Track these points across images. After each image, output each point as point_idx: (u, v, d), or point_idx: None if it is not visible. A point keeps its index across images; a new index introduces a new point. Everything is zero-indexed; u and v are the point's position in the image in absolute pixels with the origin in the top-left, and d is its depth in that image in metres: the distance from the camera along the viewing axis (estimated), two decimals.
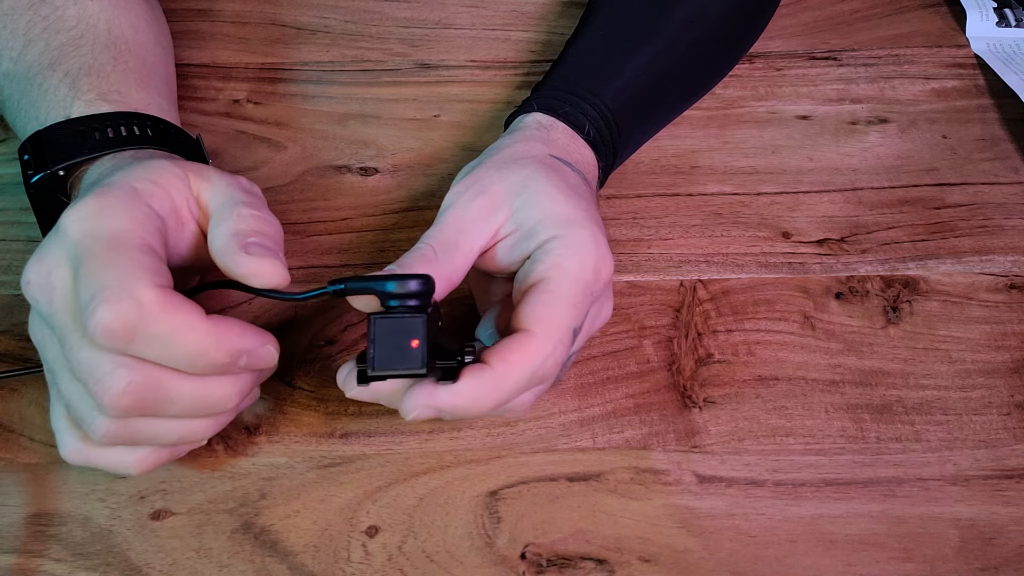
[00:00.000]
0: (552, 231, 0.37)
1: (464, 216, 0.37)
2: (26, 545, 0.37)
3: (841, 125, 0.53)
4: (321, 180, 0.50)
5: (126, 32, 0.45)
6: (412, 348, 0.31)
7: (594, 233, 0.37)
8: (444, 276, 0.36)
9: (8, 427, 0.41)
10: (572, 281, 0.36)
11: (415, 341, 0.31)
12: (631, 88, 0.46)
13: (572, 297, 0.36)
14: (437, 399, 0.33)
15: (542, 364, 0.34)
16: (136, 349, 0.31)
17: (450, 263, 0.36)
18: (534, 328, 0.35)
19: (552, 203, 0.37)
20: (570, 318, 0.35)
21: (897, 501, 0.39)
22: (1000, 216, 0.49)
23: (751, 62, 0.56)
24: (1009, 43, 0.58)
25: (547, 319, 0.35)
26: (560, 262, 0.36)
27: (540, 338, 0.34)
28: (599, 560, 0.37)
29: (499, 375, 0.33)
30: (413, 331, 0.31)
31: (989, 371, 0.43)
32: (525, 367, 0.34)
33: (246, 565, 0.37)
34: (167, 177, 0.35)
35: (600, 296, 0.38)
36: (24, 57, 0.43)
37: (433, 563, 0.37)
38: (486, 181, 0.38)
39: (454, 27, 0.58)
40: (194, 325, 0.32)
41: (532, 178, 0.38)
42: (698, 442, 0.41)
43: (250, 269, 0.34)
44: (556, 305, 0.35)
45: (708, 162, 0.51)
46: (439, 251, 0.36)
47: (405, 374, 0.31)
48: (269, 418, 0.41)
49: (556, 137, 0.42)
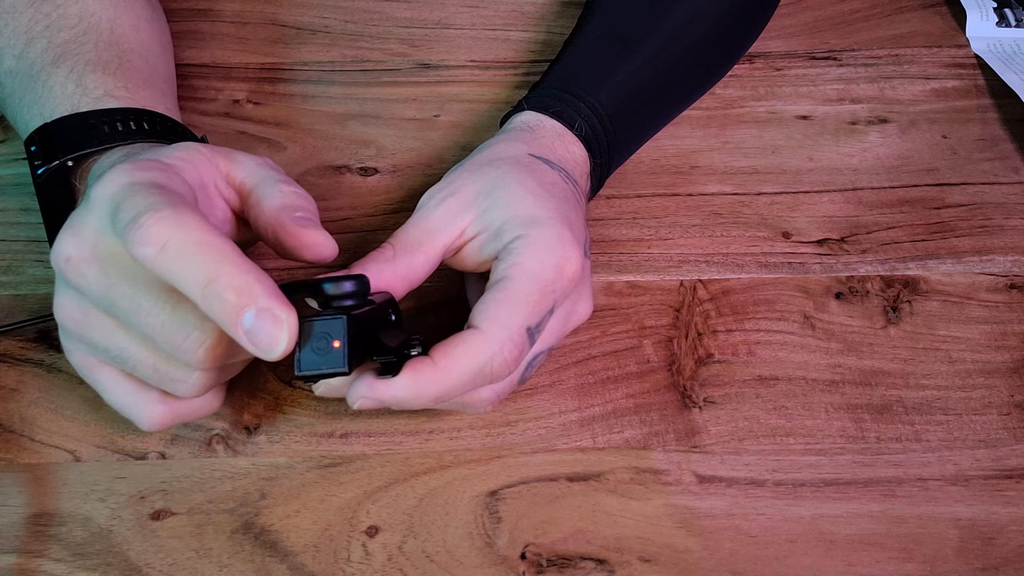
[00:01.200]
0: (516, 231, 0.37)
1: (430, 216, 0.38)
2: (26, 545, 0.37)
3: (841, 125, 0.53)
4: (321, 180, 0.50)
5: (128, 31, 0.45)
6: (335, 348, 0.32)
7: (559, 232, 0.37)
8: (401, 274, 0.37)
9: (8, 427, 0.41)
10: (529, 279, 0.36)
11: (337, 342, 0.32)
12: (628, 86, 0.46)
13: (527, 296, 0.36)
14: (376, 391, 0.34)
15: (488, 362, 0.35)
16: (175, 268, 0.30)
17: (408, 261, 0.37)
18: (482, 325, 0.35)
19: (520, 203, 0.38)
20: (522, 316, 0.35)
21: (897, 501, 0.39)
22: (1000, 216, 0.49)
23: (751, 62, 0.56)
24: (1009, 43, 0.58)
25: (497, 317, 0.35)
26: (519, 261, 0.36)
27: (487, 336, 0.35)
28: (599, 560, 0.37)
29: (440, 370, 0.34)
30: (335, 332, 0.32)
31: (989, 371, 0.43)
32: (467, 363, 0.34)
33: (246, 565, 0.37)
34: (195, 156, 0.35)
35: (571, 295, 0.38)
36: (27, 54, 0.43)
37: (433, 563, 0.37)
38: (458, 183, 0.39)
39: (454, 27, 0.58)
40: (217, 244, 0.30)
41: (503, 179, 0.39)
42: (698, 442, 0.41)
43: (305, 240, 0.34)
44: (508, 303, 0.35)
45: (708, 162, 0.51)
46: (398, 250, 0.37)
47: (329, 373, 0.32)
48: (269, 418, 0.41)
49: (541, 135, 0.42)
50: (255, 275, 0.30)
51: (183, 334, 0.32)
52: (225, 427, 0.41)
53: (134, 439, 0.40)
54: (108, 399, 0.36)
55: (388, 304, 0.36)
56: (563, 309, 0.38)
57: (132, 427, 0.41)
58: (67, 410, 0.41)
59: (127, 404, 0.36)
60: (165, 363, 0.34)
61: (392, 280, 0.37)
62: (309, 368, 0.32)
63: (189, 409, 0.37)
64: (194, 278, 0.30)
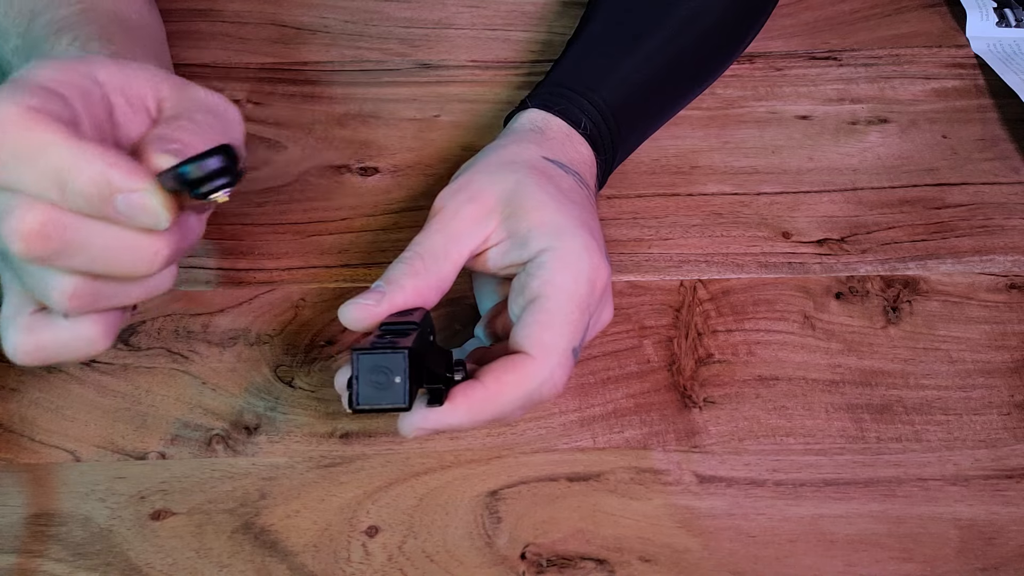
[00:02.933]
0: (544, 242, 0.37)
1: (452, 222, 0.38)
2: (26, 545, 0.37)
3: (841, 125, 0.53)
4: (321, 180, 0.50)
5: (130, 15, 0.46)
6: (395, 384, 0.32)
7: (586, 242, 0.37)
8: (433, 285, 0.36)
9: (8, 427, 0.41)
10: (567, 298, 0.36)
11: (398, 377, 0.32)
12: (630, 83, 0.46)
13: (568, 315, 0.36)
14: (430, 422, 0.34)
15: (538, 388, 0.35)
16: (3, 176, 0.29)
17: (438, 272, 0.37)
18: (532, 351, 0.35)
19: (543, 211, 0.38)
20: (568, 340, 0.36)
21: (897, 501, 0.39)
22: (1000, 216, 0.49)
23: (751, 62, 0.56)
24: (1009, 43, 0.58)
25: (545, 343, 0.35)
26: (554, 278, 0.36)
27: (537, 362, 0.35)
28: (599, 560, 0.37)
29: (492, 394, 0.34)
30: (395, 367, 0.32)
31: (989, 371, 0.43)
32: (519, 390, 0.35)
33: (246, 565, 0.37)
34: (144, 70, 0.34)
35: (598, 304, 0.38)
36: (31, 31, 0.43)
37: (433, 563, 0.37)
38: (476, 186, 0.39)
39: (454, 27, 0.58)
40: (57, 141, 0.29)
41: (522, 184, 0.38)
42: (698, 442, 0.41)
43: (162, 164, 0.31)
44: (553, 327, 0.35)
45: (708, 162, 0.51)
46: (427, 259, 0.37)
47: (388, 408, 0.32)
48: (269, 418, 0.41)
49: (551, 136, 0.42)
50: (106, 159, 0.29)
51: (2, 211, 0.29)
52: (225, 427, 0.41)
53: (134, 439, 0.41)
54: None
55: (426, 322, 0.36)
56: (592, 319, 0.38)
57: (132, 427, 0.41)
58: (67, 410, 0.41)
59: (2, 323, 0.33)
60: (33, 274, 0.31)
61: (427, 294, 0.36)
62: (368, 402, 0.32)
63: (55, 341, 0.33)
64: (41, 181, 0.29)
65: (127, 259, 0.31)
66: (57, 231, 0.29)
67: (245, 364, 0.43)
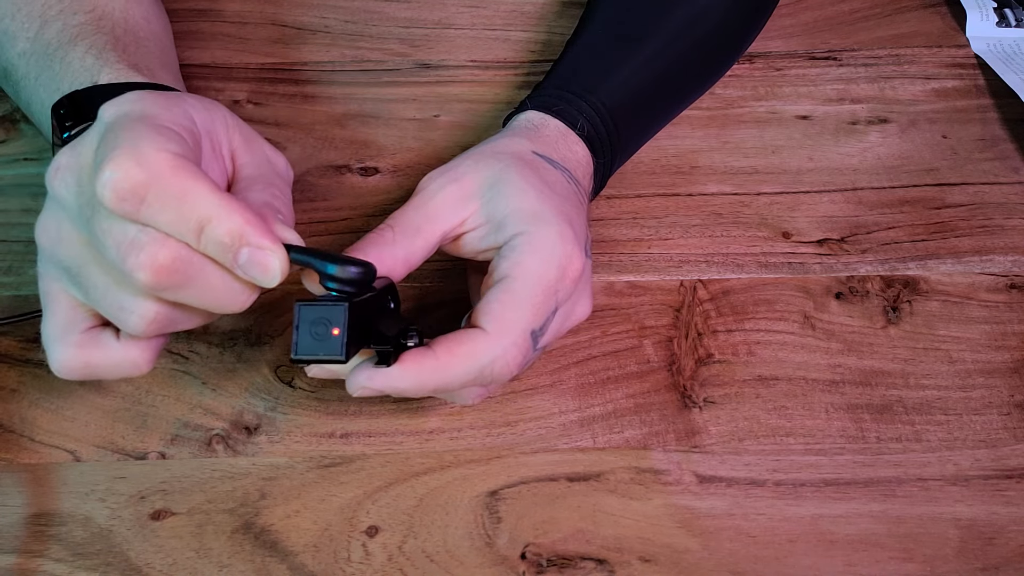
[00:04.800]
0: (519, 226, 0.37)
1: (431, 201, 0.38)
2: (26, 545, 0.37)
3: (841, 125, 0.53)
4: (321, 180, 0.50)
5: (140, 23, 0.46)
6: (333, 336, 0.32)
7: (561, 231, 0.37)
8: (400, 257, 0.37)
9: (8, 427, 0.41)
10: (534, 281, 0.36)
11: (336, 329, 0.32)
12: (629, 85, 0.46)
13: (532, 298, 0.36)
14: (375, 382, 0.34)
15: (490, 364, 0.35)
16: (147, 214, 0.30)
17: (408, 245, 0.37)
18: (488, 327, 0.35)
19: (522, 198, 0.38)
20: (528, 321, 0.36)
21: (897, 501, 0.39)
22: (1000, 216, 0.49)
23: (751, 62, 0.56)
24: (1009, 43, 0.58)
25: (502, 320, 0.35)
26: (523, 260, 0.36)
27: (492, 338, 0.35)
28: (599, 560, 0.37)
29: (441, 364, 0.34)
30: (335, 319, 0.32)
31: (989, 371, 0.43)
32: (470, 363, 0.35)
33: (246, 565, 0.37)
34: (219, 111, 0.35)
35: (572, 295, 0.38)
36: (42, 36, 0.43)
37: (433, 563, 0.37)
38: (460, 170, 0.39)
39: (454, 27, 0.58)
40: (203, 191, 0.30)
41: (506, 172, 0.38)
42: (698, 442, 0.41)
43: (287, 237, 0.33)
44: (514, 306, 0.35)
45: (708, 162, 0.51)
46: (398, 232, 0.37)
47: (325, 360, 0.32)
48: (269, 418, 0.41)
49: (544, 134, 0.42)
50: (244, 215, 0.31)
51: (132, 243, 0.31)
52: (225, 427, 0.41)
53: (134, 439, 0.41)
54: (42, 328, 0.35)
55: (388, 290, 0.36)
56: (563, 309, 0.38)
57: (132, 427, 0.41)
58: (67, 410, 0.41)
59: (49, 337, 0.34)
60: (117, 287, 0.32)
61: (393, 265, 0.37)
62: (306, 353, 0.32)
63: (105, 361, 0.34)
64: (180, 224, 0.30)
65: (225, 299, 0.33)
66: (183, 267, 0.31)
67: (245, 364, 0.43)
